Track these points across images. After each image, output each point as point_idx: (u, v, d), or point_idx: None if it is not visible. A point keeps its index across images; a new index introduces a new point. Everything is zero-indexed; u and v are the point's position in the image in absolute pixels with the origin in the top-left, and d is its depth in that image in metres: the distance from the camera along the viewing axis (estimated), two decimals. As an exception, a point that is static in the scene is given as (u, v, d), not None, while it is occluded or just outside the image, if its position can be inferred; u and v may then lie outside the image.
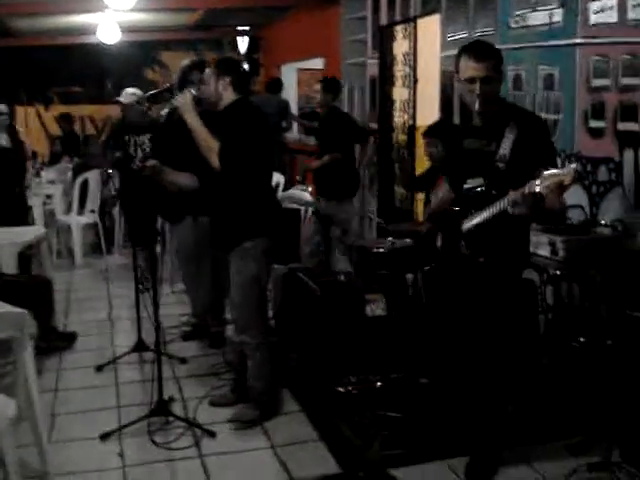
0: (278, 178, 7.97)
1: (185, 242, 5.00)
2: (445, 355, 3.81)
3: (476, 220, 3.14)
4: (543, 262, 3.84)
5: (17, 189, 6.34)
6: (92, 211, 8.01)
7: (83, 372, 4.69)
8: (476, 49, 3.11)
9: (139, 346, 4.90)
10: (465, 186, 3.25)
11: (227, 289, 3.89)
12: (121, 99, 6.42)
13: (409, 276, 4.64)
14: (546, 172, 2.73)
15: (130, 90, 6.49)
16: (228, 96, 3.71)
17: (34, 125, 12.94)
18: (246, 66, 12.56)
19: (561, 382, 3.82)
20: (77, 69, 12.75)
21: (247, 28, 11.65)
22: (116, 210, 8.14)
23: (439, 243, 3.49)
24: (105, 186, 7.98)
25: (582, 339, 3.86)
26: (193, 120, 3.65)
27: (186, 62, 4.97)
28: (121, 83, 13.02)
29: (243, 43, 12.41)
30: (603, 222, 3.99)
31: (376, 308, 4.60)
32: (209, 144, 3.60)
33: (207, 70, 3.81)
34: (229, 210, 3.73)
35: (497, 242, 3.15)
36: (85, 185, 7.89)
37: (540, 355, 4.10)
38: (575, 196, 4.18)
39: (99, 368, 4.71)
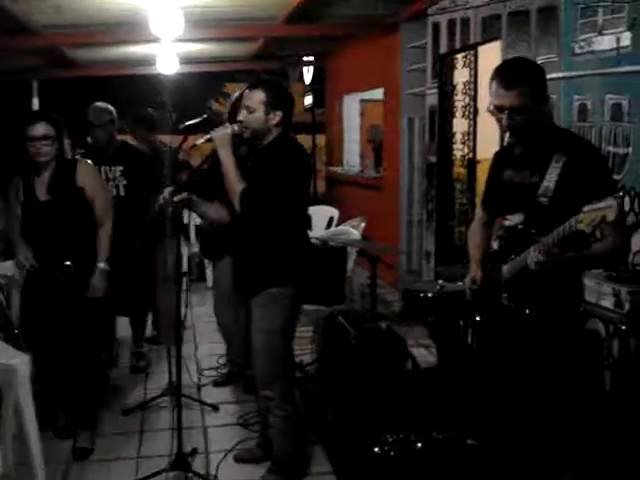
0: (332, 213, 7.72)
1: (222, 281, 4.72)
2: (496, 414, 3.40)
3: (512, 268, 2.76)
4: (607, 315, 3.40)
5: None
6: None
7: (110, 415, 4.43)
8: (507, 72, 2.70)
9: (171, 389, 4.62)
10: (505, 223, 2.86)
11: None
12: (92, 118, 4.87)
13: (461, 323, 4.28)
14: (587, 206, 2.33)
15: (101, 105, 4.97)
16: (273, 131, 3.37)
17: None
18: (310, 98, 12.38)
19: (631, 446, 3.35)
20: (140, 100, 12.78)
21: (312, 58, 11.44)
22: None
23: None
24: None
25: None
26: (227, 158, 3.32)
27: (236, 94, 4.69)
28: (185, 114, 13.10)
29: (308, 74, 12.21)
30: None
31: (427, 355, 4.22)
32: (234, 186, 3.29)
33: (256, 94, 3.33)
34: (258, 251, 3.41)
35: (543, 290, 2.73)
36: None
37: (605, 415, 3.65)
38: (646, 239, 3.75)
39: (126, 412, 4.45)
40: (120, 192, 4.85)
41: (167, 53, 8.80)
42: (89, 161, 4.14)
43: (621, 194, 2.36)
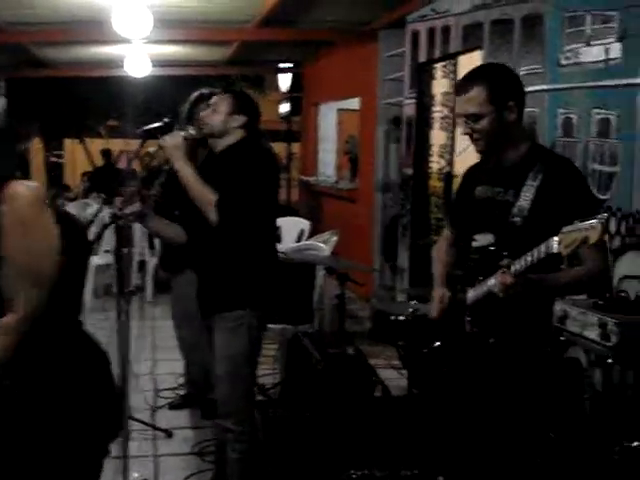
0: (303, 225, 7.43)
1: (182, 297, 4.42)
2: (467, 448, 3.13)
3: (477, 292, 2.51)
4: (592, 347, 3.14)
5: None
6: (107, 251, 7.51)
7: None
8: (463, 78, 2.51)
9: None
10: (473, 244, 2.61)
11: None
12: None
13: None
14: (566, 227, 2.10)
15: None
16: (234, 134, 3.13)
17: (79, 159, 12.72)
18: (287, 106, 12.10)
19: None
20: (114, 103, 12.50)
21: (289, 65, 11.18)
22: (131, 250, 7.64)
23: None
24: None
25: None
26: (183, 167, 3.04)
27: (195, 94, 4.39)
28: (158, 118, 12.77)
29: (285, 81, 11.95)
30: (667, 298, 3.29)
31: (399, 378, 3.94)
32: (203, 196, 2.99)
33: (224, 97, 3.18)
34: (224, 269, 3.12)
35: (510, 317, 2.48)
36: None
37: (588, 451, 3.40)
38: (632, 264, 3.50)
39: (71, 438, 4.12)
40: None
41: (138, 54, 8.49)
42: (30, 183, 2.01)
43: (605, 215, 2.12)
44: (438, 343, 3.11)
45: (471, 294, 2.58)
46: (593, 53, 3.80)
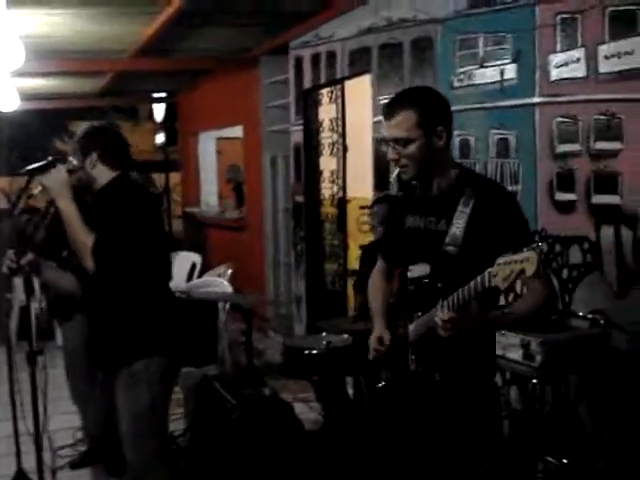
0: (194, 258, 7.20)
1: (73, 344, 4.16)
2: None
3: (418, 328, 2.42)
4: (514, 368, 3.13)
5: None
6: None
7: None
8: (389, 101, 2.42)
9: (19, 477, 3.94)
10: (409, 274, 2.51)
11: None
12: None
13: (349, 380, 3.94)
14: (501, 258, 2.05)
15: None
16: (101, 175, 2.94)
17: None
18: (162, 136, 11.81)
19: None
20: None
21: (163, 95, 10.94)
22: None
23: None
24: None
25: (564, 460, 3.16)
26: (66, 206, 2.82)
27: (83, 128, 4.14)
28: (27, 154, 12.16)
29: (159, 111, 11.69)
30: (580, 314, 3.33)
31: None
32: (81, 239, 2.79)
33: (70, 146, 3.06)
34: (114, 320, 2.91)
35: (455, 352, 2.37)
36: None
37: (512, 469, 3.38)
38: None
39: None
40: None
41: (4, 88, 8.01)
42: None
43: (540, 244, 2.08)
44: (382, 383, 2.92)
45: (412, 330, 2.47)
46: (487, 74, 3.85)
